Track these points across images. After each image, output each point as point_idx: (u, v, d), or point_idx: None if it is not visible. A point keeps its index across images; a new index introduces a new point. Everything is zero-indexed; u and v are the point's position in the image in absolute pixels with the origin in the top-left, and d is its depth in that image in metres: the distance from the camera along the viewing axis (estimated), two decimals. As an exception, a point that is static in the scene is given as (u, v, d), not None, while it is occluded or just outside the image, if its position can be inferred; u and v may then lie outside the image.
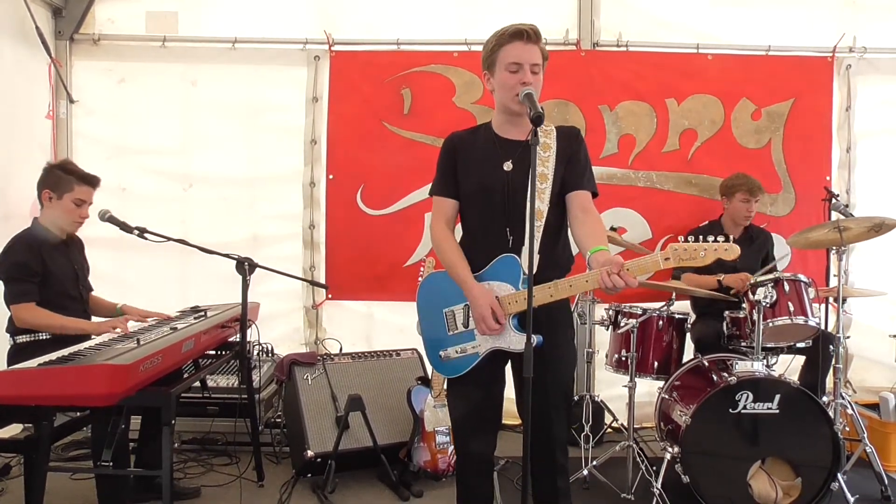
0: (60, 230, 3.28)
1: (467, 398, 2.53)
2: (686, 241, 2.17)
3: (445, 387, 2.67)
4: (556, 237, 2.48)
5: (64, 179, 3.19)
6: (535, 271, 2.30)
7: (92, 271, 3.55)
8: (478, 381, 2.49)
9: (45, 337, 3.09)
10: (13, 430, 3.51)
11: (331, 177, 4.62)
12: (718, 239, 2.14)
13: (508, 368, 2.56)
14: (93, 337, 3.03)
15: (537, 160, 2.40)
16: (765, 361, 3.47)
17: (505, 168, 2.43)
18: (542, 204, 2.40)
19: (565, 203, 2.46)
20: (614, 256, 2.21)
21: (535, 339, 2.22)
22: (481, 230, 2.48)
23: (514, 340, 2.36)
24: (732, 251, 2.13)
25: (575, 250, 2.57)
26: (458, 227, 2.62)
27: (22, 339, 3.10)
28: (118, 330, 3.05)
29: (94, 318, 3.41)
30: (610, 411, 4.30)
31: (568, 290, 2.34)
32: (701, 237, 2.16)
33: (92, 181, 3.27)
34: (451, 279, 2.48)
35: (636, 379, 3.61)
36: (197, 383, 3.41)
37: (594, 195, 2.49)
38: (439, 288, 2.54)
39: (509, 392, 2.60)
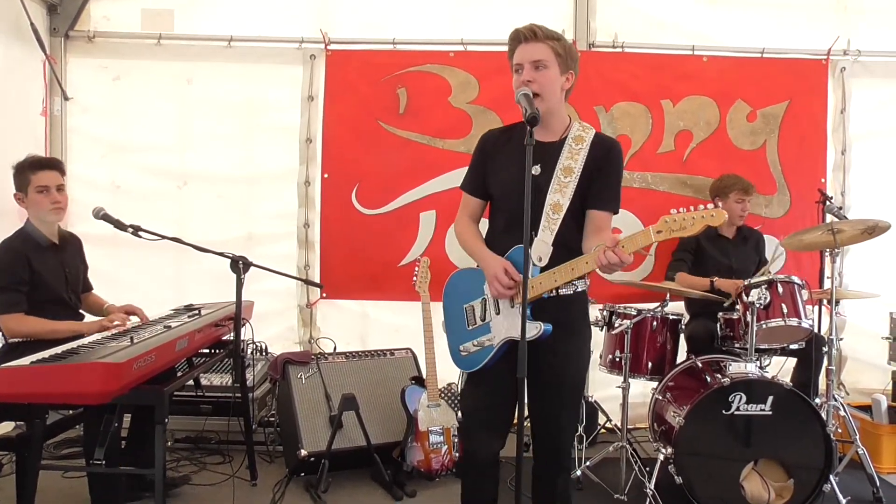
0: (49, 228, 3.25)
1: (480, 396, 2.53)
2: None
3: (441, 385, 2.67)
4: (574, 234, 2.45)
5: (21, 175, 3.17)
6: (546, 261, 2.36)
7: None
8: (493, 379, 2.48)
9: None
10: (5, 427, 3.51)
11: (326, 176, 4.60)
12: (708, 206, 2.20)
13: None
14: (86, 335, 3.02)
15: (567, 152, 2.42)
16: (758, 363, 3.47)
17: (534, 172, 2.40)
18: (564, 198, 2.40)
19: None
20: (610, 234, 2.23)
21: (544, 327, 2.25)
22: (507, 231, 2.47)
23: (528, 330, 2.31)
24: (719, 216, 2.18)
25: None
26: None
27: (14, 338, 3.08)
28: (115, 324, 3.04)
29: (87, 318, 3.39)
30: (604, 412, 4.30)
31: (570, 273, 2.34)
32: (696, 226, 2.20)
33: (47, 164, 3.23)
34: (472, 276, 2.53)
35: (630, 380, 3.62)
36: (190, 382, 3.40)
37: (614, 212, 2.49)
38: (461, 285, 2.58)
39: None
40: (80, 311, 3.40)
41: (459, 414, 3.59)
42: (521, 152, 2.39)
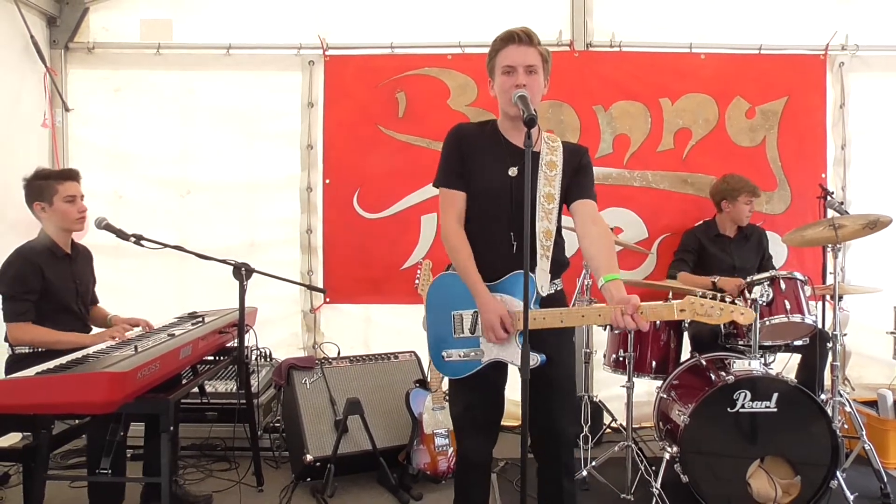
0: (65, 238, 3.28)
1: (468, 398, 2.55)
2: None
3: (446, 387, 2.67)
4: (558, 248, 2.51)
5: (45, 185, 3.21)
6: (546, 290, 2.39)
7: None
8: (480, 381, 2.49)
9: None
10: (12, 438, 3.51)
11: (327, 181, 4.62)
12: (737, 302, 2.19)
13: (511, 368, 2.55)
14: (89, 347, 3.02)
15: (544, 178, 2.44)
16: (762, 360, 3.47)
17: (510, 174, 2.43)
18: (551, 224, 2.43)
19: (565, 210, 2.50)
20: (631, 297, 2.22)
21: (539, 357, 2.25)
22: (485, 234, 2.48)
23: (518, 355, 2.30)
24: (748, 316, 2.18)
25: (571, 250, 2.61)
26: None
27: (20, 349, 3.10)
28: (115, 339, 3.05)
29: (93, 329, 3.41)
30: (608, 411, 4.30)
31: (579, 320, 2.36)
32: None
33: (71, 175, 3.28)
34: (463, 282, 2.49)
35: (634, 379, 3.61)
36: (195, 389, 3.41)
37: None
38: (451, 289, 2.52)
39: (513, 394, 2.59)
40: (88, 323, 3.41)
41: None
42: (498, 154, 2.45)
